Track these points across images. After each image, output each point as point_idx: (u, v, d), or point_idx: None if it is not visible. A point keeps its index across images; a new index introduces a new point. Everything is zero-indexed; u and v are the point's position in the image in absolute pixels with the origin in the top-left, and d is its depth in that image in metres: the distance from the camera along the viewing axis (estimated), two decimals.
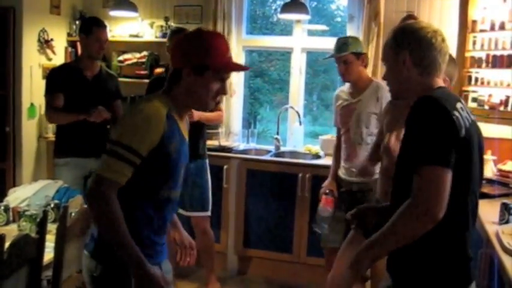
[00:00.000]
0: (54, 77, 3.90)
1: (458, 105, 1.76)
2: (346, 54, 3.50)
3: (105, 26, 3.92)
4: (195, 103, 2.05)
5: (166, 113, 1.95)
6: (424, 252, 1.77)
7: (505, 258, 2.30)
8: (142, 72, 5.05)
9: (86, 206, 2.99)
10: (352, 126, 3.60)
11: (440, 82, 1.91)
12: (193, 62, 1.98)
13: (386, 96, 3.48)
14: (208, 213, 4.06)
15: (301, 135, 4.99)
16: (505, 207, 2.81)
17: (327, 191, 3.69)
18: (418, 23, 1.98)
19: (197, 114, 3.83)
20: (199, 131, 4.00)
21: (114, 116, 3.91)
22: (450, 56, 2.59)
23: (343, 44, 3.54)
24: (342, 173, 3.69)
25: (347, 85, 3.69)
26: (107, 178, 1.86)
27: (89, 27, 3.84)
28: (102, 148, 4.04)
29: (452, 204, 1.66)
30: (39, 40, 4.94)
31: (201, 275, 4.34)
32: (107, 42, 3.91)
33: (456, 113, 1.72)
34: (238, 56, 4.97)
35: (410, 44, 1.87)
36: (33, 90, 4.84)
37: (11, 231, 2.77)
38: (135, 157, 1.87)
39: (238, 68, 2.25)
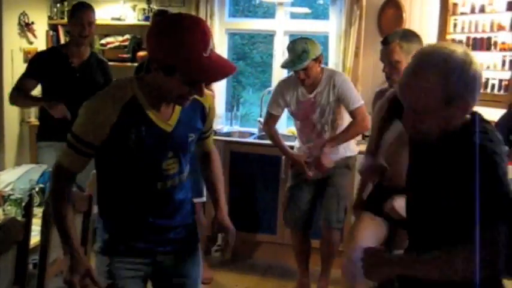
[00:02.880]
0: (37, 63, 3.76)
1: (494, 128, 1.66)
2: (308, 63, 3.45)
3: (89, 8, 3.74)
4: (162, 98, 1.86)
5: (127, 101, 1.83)
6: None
7: None
8: (125, 55, 5.03)
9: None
10: (316, 117, 3.67)
11: None
12: (161, 59, 1.73)
13: (340, 79, 3.59)
14: (204, 199, 4.02)
15: (284, 118, 5.01)
16: None
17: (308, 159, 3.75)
18: (462, 55, 1.58)
19: None
20: None
21: None
22: (415, 33, 2.76)
23: (303, 52, 3.44)
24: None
25: (294, 77, 3.65)
26: (62, 165, 1.91)
27: (72, 10, 3.74)
28: None
29: None
30: (19, 23, 4.89)
31: None
32: (92, 26, 3.74)
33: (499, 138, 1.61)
34: (220, 39, 4.97)
35: (467, 89, 1.58)
36: (14, 74, 4.77)
37: None
38: (83, 146, 1.86)
39: (214, 76, 1.82)
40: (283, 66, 3.62)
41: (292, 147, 3.98)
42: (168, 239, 2.04)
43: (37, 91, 3.97)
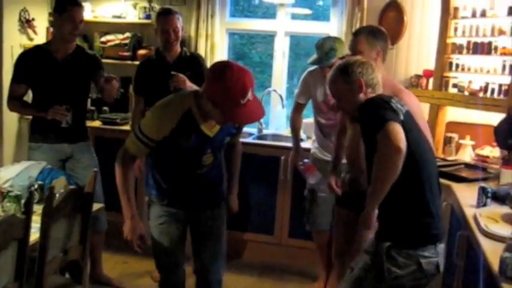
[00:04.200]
0: (21, 65, 3.68)
1: (393, 99, 2.36)
2: (335, 61, 3.43)
3: (80, 5, 3.65)
4: (209, 115, 2.46)
5: (185, 112, 2.46)
6: (398, 215, 2.35)
7: (482, 240, 2.38)
8: (125, 53, 5.01)
9: (70, 187, 3.01)
10: (341, 115, 3.60)
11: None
12: (208, 95, 2.35)
13: None
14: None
15: (283, 118, 5.04)
16: (482, 190, 2.89)
17: (300, 163, 3.84)
18: (350, 59, 2.51)
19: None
20: None
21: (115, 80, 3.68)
22: (382, 31, 3.08)
23: (331, 50, 3.50)
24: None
25: (321, 72, 3.67)
26: (129, 150, 2.55)
27: (63, 6, 3.58)
28: (75, 135, 3.92)
29: (408, 176, 2.22)
30: (20, 20, 4.87)
31: None
32: (82, 24, 3.64)
33: (392, 102, 2.31)
34: (221, 39, 4.97)
35: (361, 73, 2.39)
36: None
37: None
38: (148, 141, 2.49)
39: (243, 120, 2.53)
40: (311, 63, 3.68)
41: (291, 149, 4.03)
42: (200, 199, 2.76)
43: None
